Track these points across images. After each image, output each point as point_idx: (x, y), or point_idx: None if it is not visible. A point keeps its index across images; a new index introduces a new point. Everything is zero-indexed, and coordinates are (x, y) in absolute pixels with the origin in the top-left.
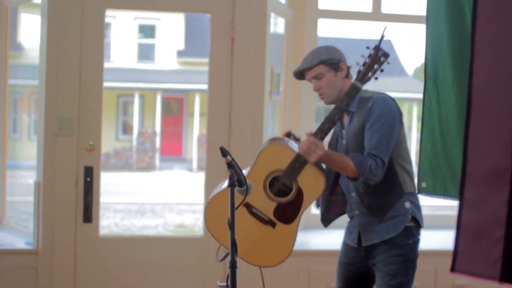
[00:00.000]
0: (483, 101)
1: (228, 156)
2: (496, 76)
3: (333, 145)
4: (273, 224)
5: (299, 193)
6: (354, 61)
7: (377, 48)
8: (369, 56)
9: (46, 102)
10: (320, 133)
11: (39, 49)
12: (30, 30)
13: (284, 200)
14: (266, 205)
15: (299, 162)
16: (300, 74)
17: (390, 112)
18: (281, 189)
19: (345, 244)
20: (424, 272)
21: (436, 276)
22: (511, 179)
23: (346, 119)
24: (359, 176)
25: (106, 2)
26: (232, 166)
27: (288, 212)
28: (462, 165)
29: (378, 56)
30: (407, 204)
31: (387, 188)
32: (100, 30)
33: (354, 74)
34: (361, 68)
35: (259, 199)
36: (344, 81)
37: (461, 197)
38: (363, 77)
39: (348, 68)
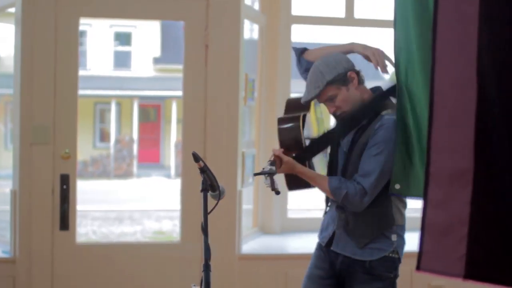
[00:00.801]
0: (445, 104)
1: (201, 162)
2: (457, 81)
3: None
4: None
5: None
6: None
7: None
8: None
9: (21, 111)
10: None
11: (14, 58)
12: (5, 39)
13: None
14: None
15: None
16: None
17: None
18: None
19: (317, 252)
20: (400, 274)
21: (412, 278)
22: (473, 179)
23: None
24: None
25: (80, 11)
26: (204, 171)
27: None
28: (425, 166)
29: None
30: (394, 237)
31: (377, 218)
32: (74, 38)
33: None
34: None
35: None
36: (360, 89)
37: (425, 197)
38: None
39: (358, 73)
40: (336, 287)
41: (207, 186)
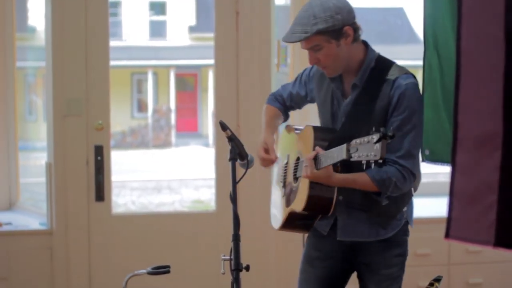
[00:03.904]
0: (472, 66)
1: (228, 130)
2: (484, 41)
3: (327, 105)
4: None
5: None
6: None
7: (384, 136)
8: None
9: (54, 83)
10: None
11: (45, 30)
12: (40, 11)
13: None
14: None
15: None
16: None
17: (422, 106)
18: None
19: (313, 233)
20: (437, 239)
21: (450, 243)
22: (503, 144)
23: (348, 85)
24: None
25: None
26: (232, 139)
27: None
28: (453, 130)
29: (371, 151)
30: (404, 208)
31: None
32: (104, 8)
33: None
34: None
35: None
36: (352, 47)
37: (453, 163)
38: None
39: (356, 30)
40: (341, 262)
41: (235, 155)
